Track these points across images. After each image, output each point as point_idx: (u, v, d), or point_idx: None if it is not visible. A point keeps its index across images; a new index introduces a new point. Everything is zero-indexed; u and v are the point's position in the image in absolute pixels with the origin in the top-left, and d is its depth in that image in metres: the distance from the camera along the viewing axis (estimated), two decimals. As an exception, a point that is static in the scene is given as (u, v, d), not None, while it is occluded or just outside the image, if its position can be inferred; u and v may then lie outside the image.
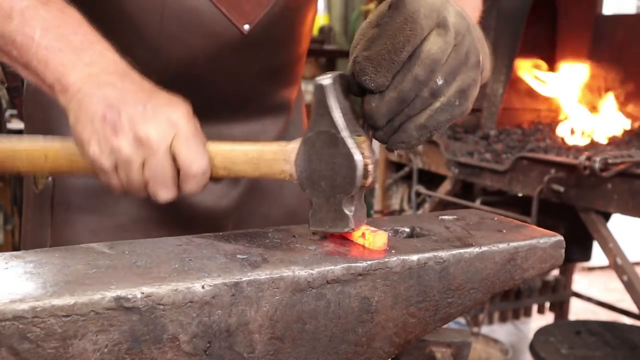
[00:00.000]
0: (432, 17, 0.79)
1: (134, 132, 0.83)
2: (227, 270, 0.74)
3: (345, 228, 0.83)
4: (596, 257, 3.54)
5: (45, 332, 0.65)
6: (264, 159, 0.87)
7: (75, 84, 0.88)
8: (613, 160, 2.15)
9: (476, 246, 0.85)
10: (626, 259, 2.28)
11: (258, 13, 1.15)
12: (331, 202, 0.82)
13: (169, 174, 0.85)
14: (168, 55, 1.14)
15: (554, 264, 0.91)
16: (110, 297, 0.67)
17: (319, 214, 0.84)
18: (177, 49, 1.13)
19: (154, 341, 0.69)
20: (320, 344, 0.78)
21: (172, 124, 0.84)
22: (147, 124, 0.83)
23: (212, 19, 1.12)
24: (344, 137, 0.80)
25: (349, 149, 0.80)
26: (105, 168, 0.86)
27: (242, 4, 1.14)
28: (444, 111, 0.81)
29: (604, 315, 3.95)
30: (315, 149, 0.83)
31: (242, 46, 1.17)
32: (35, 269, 0.73)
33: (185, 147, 0.84)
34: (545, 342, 2.71)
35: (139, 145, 0.83)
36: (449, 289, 0.84)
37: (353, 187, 0.81)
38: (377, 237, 0.82)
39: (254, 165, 0.87)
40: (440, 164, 2.91)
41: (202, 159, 0.85)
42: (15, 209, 3.90)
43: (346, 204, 0.82)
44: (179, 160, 0.84)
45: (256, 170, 0.87)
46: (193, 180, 0.86)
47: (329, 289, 0.77)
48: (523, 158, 2.50)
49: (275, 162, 0.86)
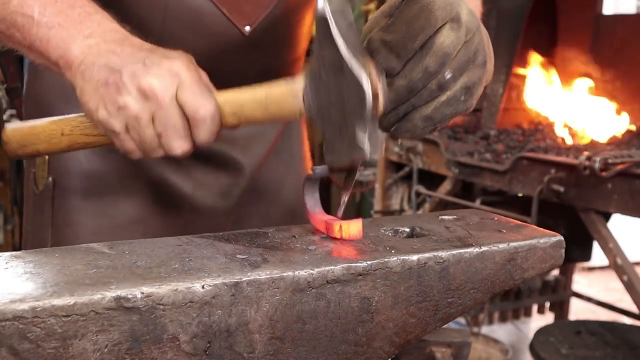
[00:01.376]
0: (446, 10, 0.80)
1: (137, 86, 0.83)
2: (227, 270, 0.74)
3: (362, 155, 0.79)
4: (596, 257, 3.54)
5: (45, 332, 0.65)
6: (272, 98, 0.85)
7: (78, 57, 0.89)
8: (613, 160, 2.15)
9: (476, 246, 0.85)
10: (626, 259, 2.28)
11: (259, 14, 1.16)
12: (344, 131, 0.80)
13: (179, 122, 0.85)
14: None
15: (554, 264, 0.91)
16: (110, 297, 0.67)
17: (333, 146, 0.81)
18: (179, 49, 1.14)
19: (154, 341, 0.69)
20: (320, 344, 0.78)
21: (174, 74, 0.85)
22: (149, 76, 0.84)
23: (213, 20, 1.13)
24: (349, 63, 0.78)
25: (355, 74, 0.78)
26: (116, 130, 0.86)
27: (243, 6, 1.14)
28: (449, 105, 0.82)
29: (604, 315, 3.95)
30: (322, 80, 0.81)
31: (243, 47, 1.17)
32: (35, 269, 0.73)
33: (190, 94, 0.84)
34: (545, 342, 2.71)
35: (145, 98, 0.84)
36: (449, 289, 0.84)
37: (365, 112, 0.78)
38: (351, 226, 0.84)
39: (263, 106, 0.85)
40: (440, 164, 2.91)
41: (208, 103, 0.85)
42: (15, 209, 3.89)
43: (360, 131, 0.79)
44: (186, 108, 0.84)
45: (265, 111, 0.86)
46: (203, 126, 0.86)
47: (329, 289, 0.77)
48: (523, 158, 2.50)
49: (283, 99, 0.85)
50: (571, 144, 2.77)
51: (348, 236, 0.84)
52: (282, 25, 1.21)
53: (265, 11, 1.16)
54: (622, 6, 5.34)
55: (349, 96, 0.79)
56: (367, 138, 0.80)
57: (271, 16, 1.17)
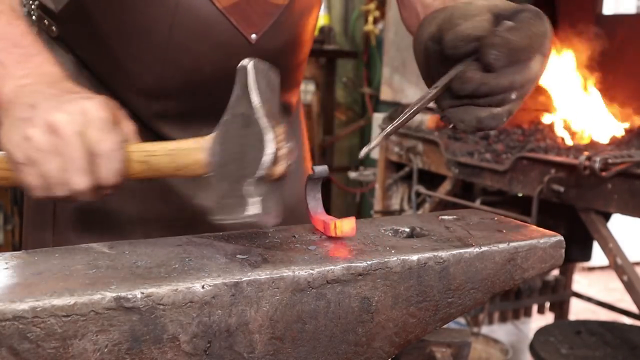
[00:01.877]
0: (545, 44, 0.90)
1: (45, 120, 0.84)
2: (227, 270, 0.74)
3: (249, 214, 0.77)
4: (596, 257, 3.53)
5: (45, 332, 0.65)
6: (181, 149, 0.85)
7: (7, 95, 0.90)
8: (613, 160, 2.15)
9: (476, 246, 0.85)
10: (626, 259, 2.28)
11: (265, 23, 1.17)
12: (237, 188, 0.78)
13: (79, 156, 0.84)
14: (176, 62, 1.15)
15: (554, 264, 0.91)
16: (110, 297, 0.67)
17: (225, 203, 0.79)
18: (185, 56, 1.15)
19: (154, 341, 0.69)
20: (320, 344, 0.78)
21: (83, 111, 0.85)
22: (59, 112, 0.84)
23: (221, 29, 1.14)
24: (258, 118, 0.78)
25: (261, 128, 0.78)
26: (19, 161, 0.85)
27: (250, 15, 1.15)
28: (494, 119, 0.91)
29: (604, 315, 3.95)
30: (229, 134, 0.80)
31: (249, 55, 1.18)
32: (35, 269, 0.73)
33: (94, 129, 0.84)
34: (545, 342, 2.71)
35: (50, 132, 0.83)
36: (449, 289, 0.84)
37: (260, 169, 0.77)
38: (344, 224, 0.85)
39: (170, 157, 0.85)
40: (440, 164, 2.91)
41: (110, 139, 0.85)
42: (15, 209, 3.89)
43: (252, 189, 0.77)
44: (88, 142, 0.84)
45: (172, 162, 0.85)
46: (105, 161, 0.85)
47: (329, 289, 0.77)
48: (523, 158, 2.50)
49: (190, 151, 0.84)
50: (571, 144, 2.77)
51: (341, 233, 0.85)
52: (287, 32, 1.22)
53: (272, 19, 1.17)
54: (622, 6, 5.33)
55: (251, 152, 0.79)
56: (260, 199, 0.78)
57: (277, 24, 1.18)
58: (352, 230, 0.86)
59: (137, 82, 1.17)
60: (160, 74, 1.15)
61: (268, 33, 1.17)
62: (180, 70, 1.15)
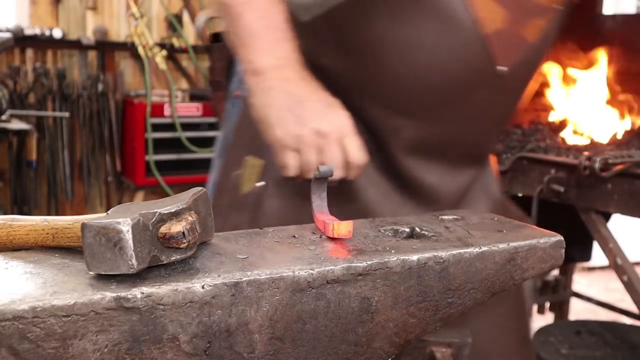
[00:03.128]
0: None
1: (314, 128, 1.09)
2: (227, 270, 0.74)
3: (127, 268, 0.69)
4: (596, 257, 3.53)
5: (45, 332, 0.65)
6: None
7: (262, 67, 1.12)
8: (613, 160, 2.15)
9: (476, 246, 0.85)
10: (626, 259, 2.28)
11: (515, 57, 1.21)
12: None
13: (339, 157, 1.10)
14: (427, 79, 1.19)
15: (554, 264, 0.91)
16: (110, 297, 0.67)
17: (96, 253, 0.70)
18: (437, 76, 1.20)
19: (154, 341, 0.69)
20: (320, 344, 0.78)
21: (343, 124, 1.11)
22: (323, 122, 1.10)
23: (477, 57, 1.18)
24: None
25: None
26: (289, 148, 1.10)
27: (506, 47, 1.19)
28: None
29: (604, 315, 3.95)
30: None
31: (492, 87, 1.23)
32: (35, 269, 0.73)
33: (349, 139, 1.11)
34: (545, 342, 2.71)
35: (318, 135, 1.09)
36: (449, 289, 0.84)
37: None
38: (341, 226, 0.86)
39: None
40: (440, 164, 2.90)
41: (363, 153, 1.12)
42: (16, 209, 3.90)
43: None
44: (348, 152, 1.11)
45: None
46: (357, 171, 1.13)
47: (329, 289, 0.77)
48: (523, 158, 2.50)
49: None
50: (571, 144, 2.77)
51: (338, 235, 0.86)
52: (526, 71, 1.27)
53: (520, 55, 1.21)
54: (622, 6, 5.33)
55: None
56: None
57: (522, 60, 1.22)
58: (349, 233, 0.86)
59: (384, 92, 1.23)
60: (415, 88, 1.20)
61: (514, 69, 1.22)
62: (429, 88, 1.20)
